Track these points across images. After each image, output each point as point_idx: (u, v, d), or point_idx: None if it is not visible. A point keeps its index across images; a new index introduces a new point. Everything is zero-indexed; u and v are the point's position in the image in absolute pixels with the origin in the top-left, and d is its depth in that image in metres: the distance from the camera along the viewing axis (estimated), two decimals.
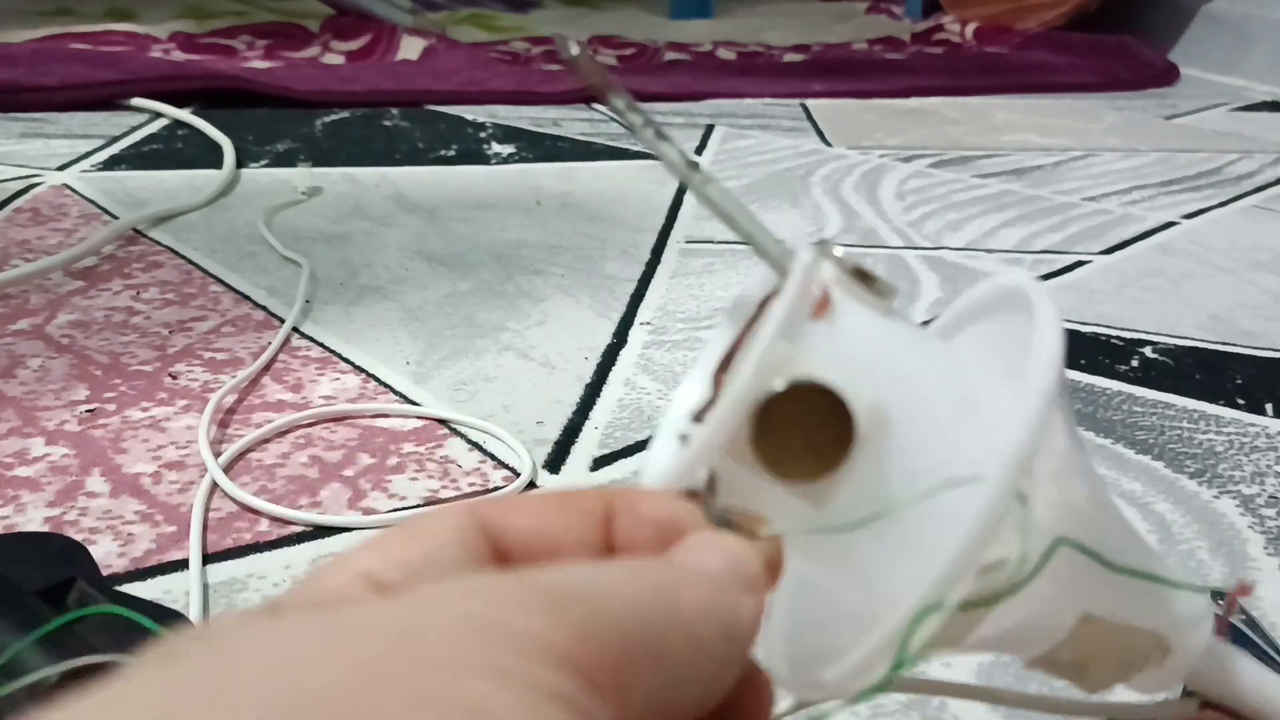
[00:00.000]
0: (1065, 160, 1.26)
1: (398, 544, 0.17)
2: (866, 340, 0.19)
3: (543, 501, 0.18)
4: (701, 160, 1.17)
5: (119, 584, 0.45)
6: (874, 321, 0.20)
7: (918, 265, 0.90)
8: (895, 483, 0.19)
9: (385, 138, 1.19)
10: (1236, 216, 1.08)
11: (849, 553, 0.19)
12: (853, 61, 1.83)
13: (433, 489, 0.55)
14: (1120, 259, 0.94)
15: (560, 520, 0.18)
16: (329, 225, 0.91)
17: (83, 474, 0.54)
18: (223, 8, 1.80)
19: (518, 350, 0.70)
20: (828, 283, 0.19)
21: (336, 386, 0.64)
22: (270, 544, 0.50)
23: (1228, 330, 0.80)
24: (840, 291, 0.19)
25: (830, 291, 0.19)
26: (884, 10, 2.37)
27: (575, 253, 0.88)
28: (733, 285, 0.83)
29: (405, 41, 1.63)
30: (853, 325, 0.19)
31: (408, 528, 0.17)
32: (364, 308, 0.75)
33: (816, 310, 0.19)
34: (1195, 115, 1.56)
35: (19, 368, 0.64)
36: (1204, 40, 1.93)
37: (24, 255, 0.80)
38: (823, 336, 0.19)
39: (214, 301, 0.75)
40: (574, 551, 0.18)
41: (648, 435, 0.61)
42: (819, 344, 0.19)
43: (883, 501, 0.19)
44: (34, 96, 1.20)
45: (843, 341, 0.19)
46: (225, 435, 0.59)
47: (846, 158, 1.22)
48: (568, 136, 1.24)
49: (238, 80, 1.30)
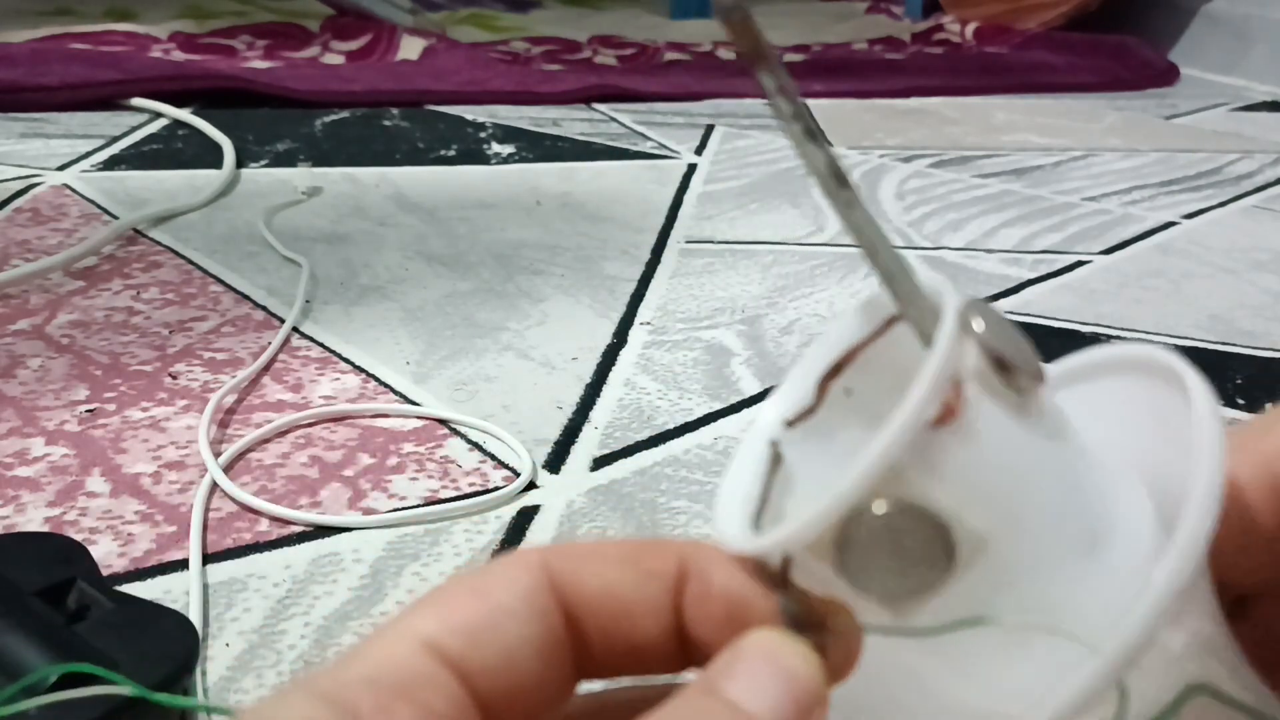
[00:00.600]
0: (1065, 160, 1.26)
1: (460, 603, 0.16)
2: (992, 460, 0.16)
3: (615, 556, 0.17)
4: (701, 160, 1.17)
5: (119, 584, 0.45)
6: (1006, 433, 0.16)
7: (918, 265, 0.90)
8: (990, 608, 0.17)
9: (385, 138, 1.19)
10: (1236, 216, 1.08)
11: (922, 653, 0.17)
12: (853, 61, 1.83)
13: (433, 489, 0.55)
14: (1120, 259, 0.94)
15: (630, 581, 0.17)
16: (329, 225, 0.91)
17: (83, 474, 0.54)
18: (223, 8, 1.80)
19: (518, 350, 0.70)
20: (964, 377, 0.16)
21: (336, 386, 0.64)
22: (270, 544, 0.50)
23: (1228, 330, 0.80)
24: (976, 389, 0.16)
25: (965, 390, 0.16)
26: (884, 10, 2.37)
27: (575, 253, 0.88)
28: (733, 285, 0.83)
29: (405, 41, 1.63)
30: (981, 441, 0.16)
31: (473, 583, 0.17)
32: (364, 308, 0.76)
33: (945, 414, 0.16)
34: (1195, 115, 1.56)
35: (19, 368, 0.64)
36: (1204, 40, 1.93)
37: (24, 255, 0.80)
38: (944, 450, 0.16)
39: (214, 301, 0.75)
40: (643, 616, 0.17)
41: (648, 435, 0.61)
42: (937, 459, 0.16)
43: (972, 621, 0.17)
44: (34, 96, 1.20)
45: (965, 461, 0.16)
46: (225, 435, 0.59)
47: (847, 158, 1.22)
48: (568, 136, 1.24)
49: (238, 80, 1.30)
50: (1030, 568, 0.17)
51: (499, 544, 0.51)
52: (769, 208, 1.03)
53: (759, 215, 1.00)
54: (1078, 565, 0.17)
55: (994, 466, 0.16)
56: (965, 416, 0.16)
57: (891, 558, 0.16)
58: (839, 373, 0.18)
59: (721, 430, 0.62)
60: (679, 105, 1.43)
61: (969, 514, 0.16)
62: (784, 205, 1.04)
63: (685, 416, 0.63)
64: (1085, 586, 0.17)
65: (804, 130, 0.16)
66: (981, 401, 0.16)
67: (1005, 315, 0.17)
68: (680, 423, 0.62)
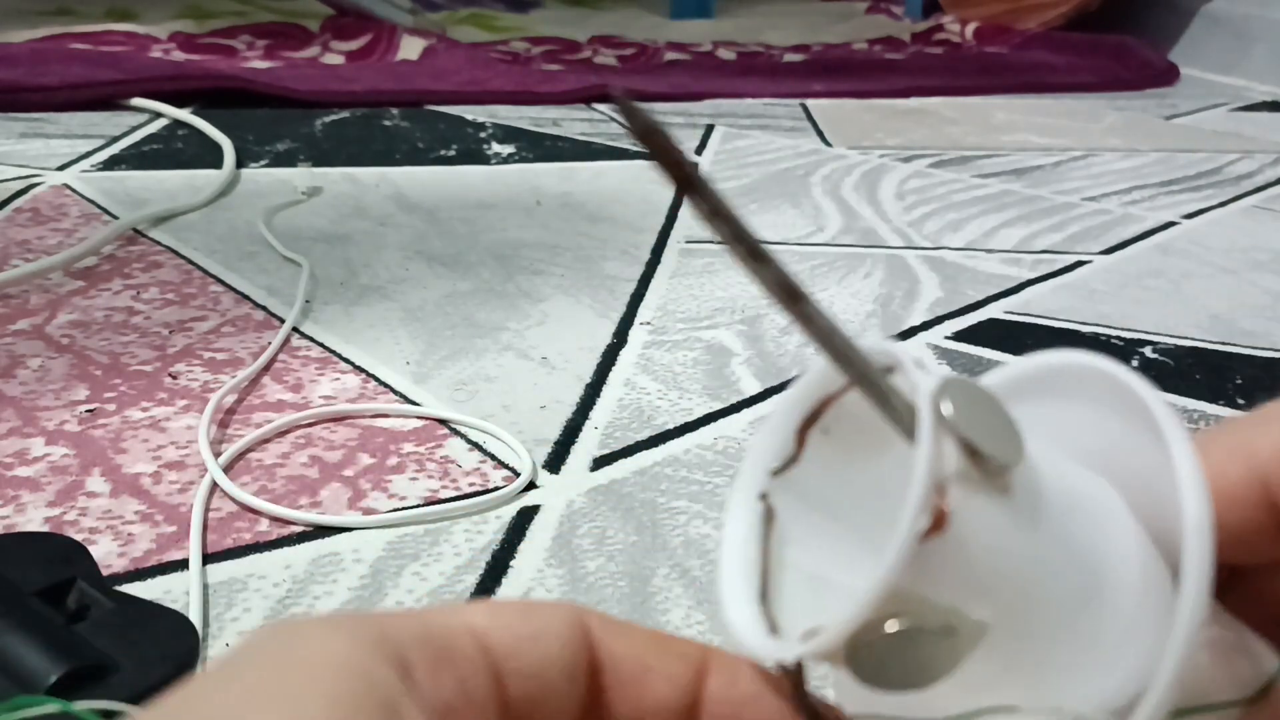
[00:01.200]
0: (1065, 160, 1.26)
1: (510, 614, 0.17)
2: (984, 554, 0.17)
3: (645, 633, 0.18)
4: (701, 160, 1.17)
5: (119, 584, 0.45)
6: (992, 523, 0.17)
7: (918, 265, 0.90)
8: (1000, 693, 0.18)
9: (385, 138, 1.19)
10: (1236, 216, 1.08)
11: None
12: (853, 61, 1.83)
13: (433, 489, 0.55)
14: (1120, 259, 0.94)
15: (656, 656, 0.18)
16: (329, 225, 0.91)
17: (83, 474, 0.54)
18: (223, 8, 1.80)
19: (518, 350, 0.70)
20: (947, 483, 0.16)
21: (336, 386, 0.64)
22: (270, 544, 0.50)
23: (1228, 330, 0.80)
24: (959, 492, 0.16)
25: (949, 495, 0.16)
26: (884, 10, 2.37)
27: (575, 253, 0.88)
28: (733, 285, 0.83)
29: (405, 41, 1.63)
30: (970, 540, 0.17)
31: (523, 604, 0.18)
32: (364, 308, 0.76)
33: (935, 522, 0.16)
34: (1195, 115, 1.56)
35: (19, 368, 0.64)
36: (1204, 40, 1.93)
37: (24, 255, 0.80)
38: (938, 559, 0.16)
39: (214, 301, 0.75)
40: (661, 683, 0.18)
41: (648, 435, 0.61)
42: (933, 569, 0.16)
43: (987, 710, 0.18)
44: (34, 96, 1.20)
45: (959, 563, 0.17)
46: (225, 435, 0.59)
47: (846, 158, 1.22)
48: (568, 136, 1.24)
49: (238, 80, 1.30)
50: (1032, 643, 0.17)
51: (499, 544, 0.51)
52: (769, 208, 1.03)
53: (759, 215, 1.00)
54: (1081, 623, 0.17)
55: (985, 559, 0.17)
56: (953, 524, 0.16)
57: (900, 661, 0.17)
58: (816, 420, 0.19)
59: (722, 430, 0.62)
60: (679, 105, 1.43)
61: (968, 608, 0.17)
62: (784, 205, 1.04)
63: (685, 416, 0.63)
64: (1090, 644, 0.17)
65: (748, 251, 0.16)
66: (966, 503, 0.17)
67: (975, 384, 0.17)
68: (680, 423, 0.62)
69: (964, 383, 0.17)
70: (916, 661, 0.17)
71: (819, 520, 0.19)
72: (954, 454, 0.16)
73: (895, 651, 0.17)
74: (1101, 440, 0.20)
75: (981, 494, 0.17)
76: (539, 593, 0.47)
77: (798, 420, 0.19)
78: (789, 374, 0.70)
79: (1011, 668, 0.17)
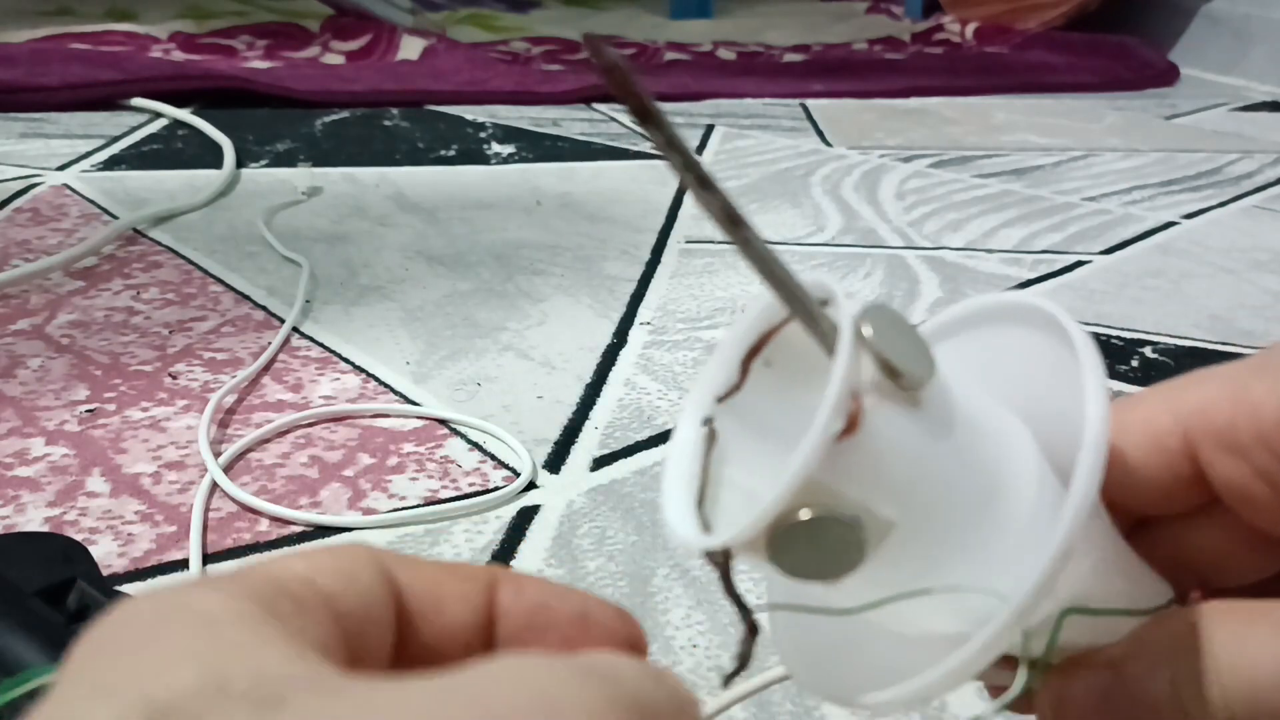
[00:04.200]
0: (1065, 160, 1.26)
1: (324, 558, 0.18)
2: (891, 457, 0.19)
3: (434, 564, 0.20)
4: (701, 160, 1.17)
5: (119, 584, 0.45)
6: (901, 430, 0.19)
7: (918, 265, 0.90)
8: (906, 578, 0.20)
9: (385, 138, 1.19)
10: (1236, 216, 1.08)
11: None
12: (853, 61, 1.83)
13: (433, 489, 0.55)
14: (1120, 259, 0.94)
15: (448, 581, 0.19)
16: (329, 225, 0.91)
17: (83, 474, 0.54)
18: (223, 8, 1.80)
19: (518, 350, 0.70)
20: (862, 391, 0.19)
21: (336, 386, 0.64)
22: (270, 544, 0.50)
23: (1228, 330, 0.80)
24: (873, 399, 0.19)
25: (863, 402, 0.18)
26: (884, 10, 2.37)
27: (575, 253, 0.88)
28: (733, 285, 0.83)
29: (405, 41, 1.63)
30: (880, 443, 0.19)
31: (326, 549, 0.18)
32: (364, 308, 0.76)
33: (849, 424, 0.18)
34: (1195, 115, 1.56)
35: (19, 368, 0.64)
36: (1204, 40, 1.93)
37: (24, 255, 0.80)
38: (849, 458, 0.18)
39: (214, 301, 0.75)
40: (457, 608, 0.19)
41: (648, 435, 0.61)
42: (844, 466, 0.18)
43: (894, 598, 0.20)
44: (34, 96, 1.20)
45: (868, 463, 0.19)
46: (225, 435, 0.59)
47: (846, 158, 1.22)
48: (568, 136, 1.24)
49: (238, 80, 1.30)
50: (935, 543, 0.19)
51: (499, 544, 0.51)
52: (769, 208, 1.03)
53: (759, 215, 1.00)
54: (978, 529, 0.19)
55: (893, 462, 0.19)
56: (865, 427, 0.18)
57: (814, 550, 0.19)
58: (759, 351, 0.20)
59: None
60: (679, 105, 1.43)
61: (876, 506, 0.19)
62: (784, 205, 1.04)
63: None
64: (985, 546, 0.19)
65: (696, 179, 0.18)
66: (878, 410, 0.19)
67: (897, 314, 0.19)
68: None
69: (885, 310, 0.19)
70: (829, 551, 0.19)
71: (757, 442, 0.21)
72: (870, 368, 0.19)
73: (809, 541, 0.18)
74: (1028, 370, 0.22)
75: (893, 404, 0.19)
76: None
77: (742, 352, 0.20)
78: None
79: (917, 566, 0.19)
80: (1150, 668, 0.21)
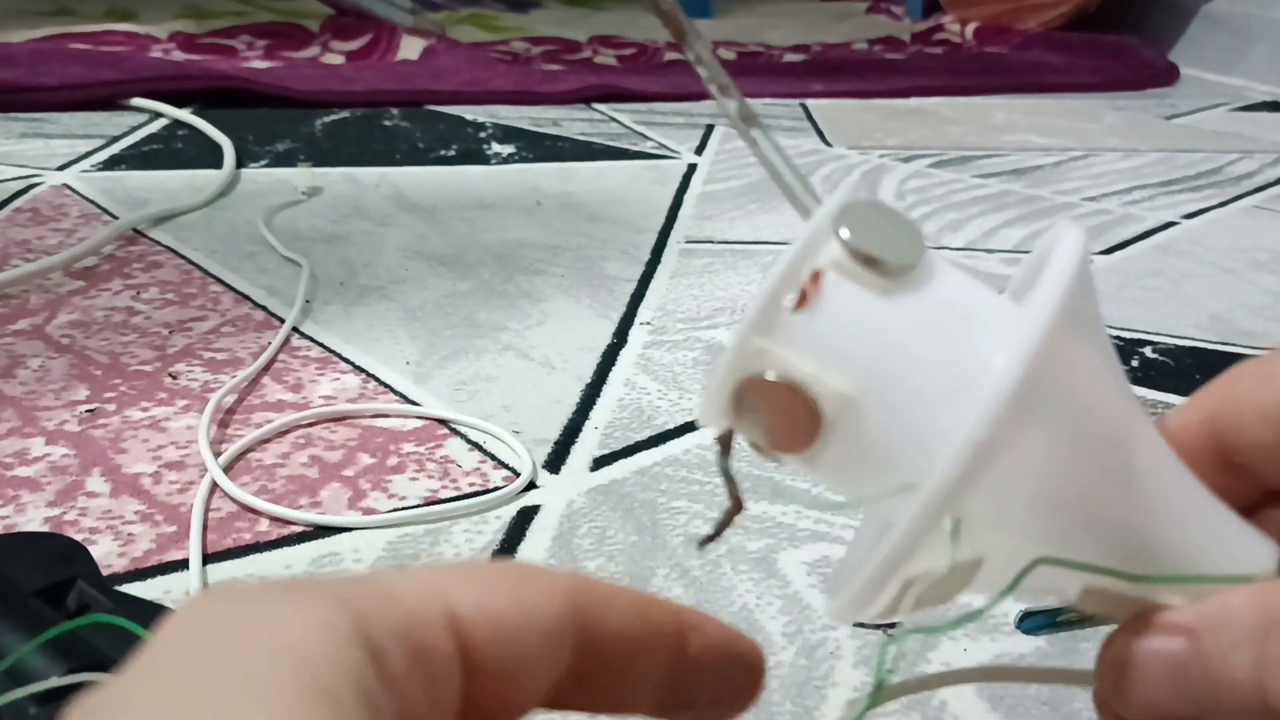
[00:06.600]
0: (1065, 160, 1.26)
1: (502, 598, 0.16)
2: (848, 332, 0.19)
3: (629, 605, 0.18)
4: (701, 160, 1.17)
5: (119, 584, 0.45)
6: (864, 308, 0.19)
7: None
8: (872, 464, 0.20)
9: (385, 138, 1.19)
10: (1236, 216, 1.08)
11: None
12: (853, 61, 1.83)
13: (433, 489, 0.55)
14: (1120, 259, 0.94)
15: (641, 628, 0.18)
16: (329, 225, 0.91)
17: (83, 474, 0.54)
18: (223, 8, 1.80)
19: (518, 350, 0.70)
20: (823, 268, 0.19)
21: (336, 386, 0.64)
22: (270, 544, 0.50)
23: (1228, 330, 0.80)
24: (834, 277, 0.19)
25: (823, 279, 0.19)
26: (884, 10, 2.37)
27: (575, 253, 0.88)
28: (733, 285, 0.83)
29: (405, 41, 1.63)
30: (835, 316, 0.19)
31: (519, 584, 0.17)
32: (364, 308, 0.76)
33: (801, 299, 0.19)
34: (1195, 115, 1.56)
35: (19, 368, 0.64)
36: (1204, 40, 1.93)
37: (24, 255, 0.80)
38: (798, 328, 0.19)
39: (214, 301, 0.75)
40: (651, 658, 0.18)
41: (648, 435, 0.61)
42: (798, 336, 0.19)
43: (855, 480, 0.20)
44: (34, 96, 1.20)
45: (819, 335, 0.19)
46: (225, 435, 0.59)
47: (846, 158, 1.22)
48: (568, 136, 1.24)
49: (238, 80, 1.30)
50: (900, 421, 0.19)
51: (499, 544, 0.51)
52: (769, 208, 1.03)
53: (759, 215, 1.00)
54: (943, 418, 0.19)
55: (850, 336, 0.19)
56: (820, 301, 0.19)
57: (774, 416, 0.19)
58: None
59: None
60: (679, 105, 1.43)
61: (829, 378, 0.19)
62: (784, 205, 1.04)
63: (685, 416, 0.63)
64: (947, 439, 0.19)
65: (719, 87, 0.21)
66: (839, 286, 0.19)
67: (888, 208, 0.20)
68: (680, 423, 0.62)
69: (878, 205, 0.20)
70: (788, 417, 0.19)
71: None
72: (837, 250, 0.19)
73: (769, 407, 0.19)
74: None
75: (857, 284, 0.19)
76: None
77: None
78: None
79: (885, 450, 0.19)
80: (1234, 644, 0.19)
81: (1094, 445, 0.19)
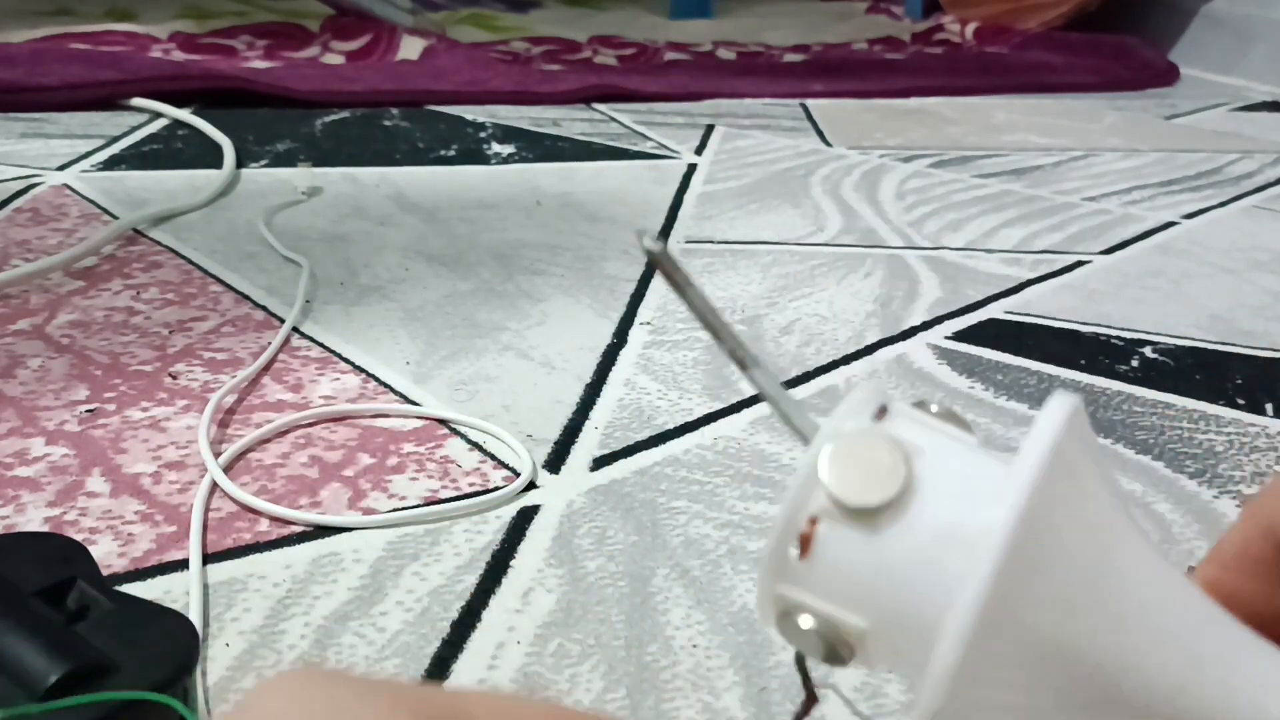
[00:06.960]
0: (1065, 160, 1.27)
1: None
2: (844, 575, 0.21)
3: None
4: (701, 160, 1.17)
5: (119, 584, 0.45)
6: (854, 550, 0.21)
7: (918, 265, 0.90)
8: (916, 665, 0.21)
9: (385, 138, 1.19)
10: (1236, 216, 1.08)
11: None
12: (853, 61, 1.83)
13: (433, 489, 0.55)
14: (1120, 259, 0.94)
15: None
16: (329, 225, 0.91)
17: (83, 474, 0.54)
18: (223, 8, 1.80)
19: (518, 350, 0.70)
20: (817, 516, 0.21)
21: (336, 386, 0.64)
22: (270, 544, 0.50)
23: (1228, 330, 0.80)
24: (826, 524, 0.21)
25: (817, 524, 0.21)
26: (884, 10, 2.37)
27: (575, 253, 0.88)
28: (733, 285, 0.83)
29: (405, 41, 1.63)
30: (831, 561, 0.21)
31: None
32: (364, 308, 0.76)
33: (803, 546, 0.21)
34: (1195, 115, 1.56)
35: (19, 368, 0.64)
36: (1204, 40, 1.93)
37: (24, 255, 0.80)
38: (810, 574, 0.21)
39: (214, 301, 0.75)
40: None
41: (648, 435, 0.61)
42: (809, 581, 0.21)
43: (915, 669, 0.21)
44: (34, 96, 1.20)
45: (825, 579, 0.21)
46: (225, 435, 0.59)
47: (846, 158, 1.22)
48: (568, 136, 1.24)
49: (238, 80, 1.30)
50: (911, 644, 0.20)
51: (499, 544, 0.51)
52: (769, 208, 1.03)
53: (759, 215, 1.00)
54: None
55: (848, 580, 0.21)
56: (815, 550, 0.21)
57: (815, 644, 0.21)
58: None
59: (721, 430, 0.62)
60: (679, 105, 1.43)
61: (842, 616, 0.21)
62: (784, 205, 1.04)
63: (685, 416, 0.63)
64: None
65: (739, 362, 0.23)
66: (830, 532, 0.21)
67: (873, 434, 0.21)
68: (680, 423, 0.62)
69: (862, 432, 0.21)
70: (825, 647, 0.21)
71: None
72: (823, 497, 0.21)
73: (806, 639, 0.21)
74: None
75: (846, 525, 0.21)
76: (539, 593, 0.47)
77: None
78: (789, 374, 0.70)
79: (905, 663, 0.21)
80: None
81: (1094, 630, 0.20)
